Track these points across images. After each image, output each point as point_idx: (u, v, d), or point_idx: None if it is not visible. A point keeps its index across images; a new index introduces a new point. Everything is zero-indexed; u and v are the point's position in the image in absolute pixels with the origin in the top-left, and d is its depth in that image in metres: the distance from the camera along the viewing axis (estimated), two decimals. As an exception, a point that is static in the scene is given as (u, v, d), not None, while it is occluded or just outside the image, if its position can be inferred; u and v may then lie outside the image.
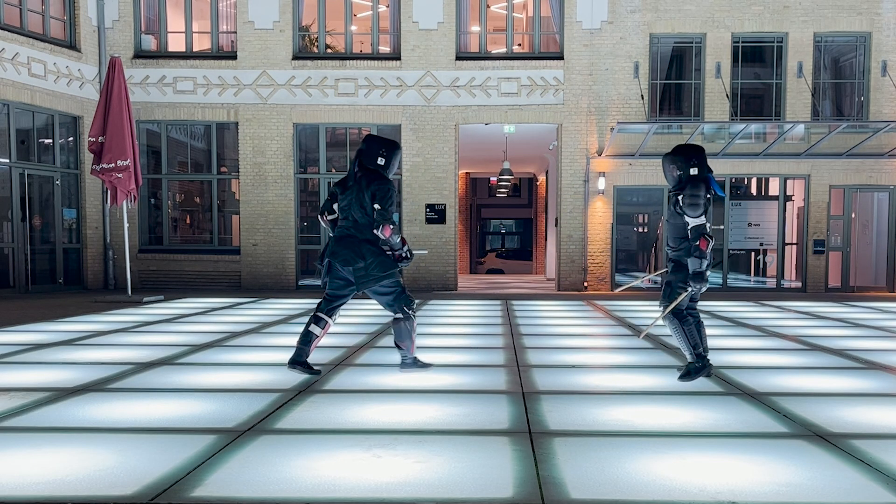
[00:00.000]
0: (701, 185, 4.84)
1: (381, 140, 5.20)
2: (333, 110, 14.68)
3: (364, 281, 5.04)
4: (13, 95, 12.78)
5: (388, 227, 5.00)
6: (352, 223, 5.09)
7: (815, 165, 14.56)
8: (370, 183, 5.02)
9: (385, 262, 5.08)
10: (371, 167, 5.10)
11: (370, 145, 5.15)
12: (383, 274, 5.05)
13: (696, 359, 5.05)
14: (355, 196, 5.05)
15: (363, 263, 5.01)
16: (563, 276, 14.88)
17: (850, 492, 2.97)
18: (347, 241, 5.07)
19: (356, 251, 5.03)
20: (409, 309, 5.20)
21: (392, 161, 5.14)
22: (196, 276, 14.82)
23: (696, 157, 4.94)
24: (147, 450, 3.46)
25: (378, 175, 5.08)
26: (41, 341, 7.12)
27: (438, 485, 3.00)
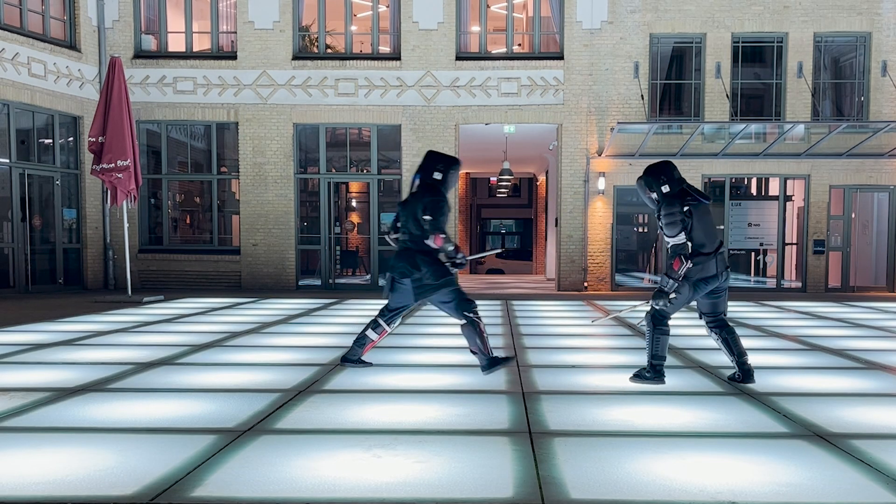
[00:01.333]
0: (675, 202, 4.79)
1: (439, 156, 5.33)
2: (333, 110, 14.68)
3: (421, 291, 5.17)
4: (13, 95, 12.78)
5: (440, 237, 5.11)
6: (408, 236, 5.23)
7: (815, 165, 14.56)
8: (423, 196, 5.15)
9: (439, 270, 5.17)
10: (429, 182, 5.23)
11: (428, 161, 5.29)
12: (437, 283, 5.15)
13: (651, 368, 5.02)
14: (411, 211, 5.18)
15: (419, 274, 5.14)
16: (563, 276, 14.88)
17: (850, 492, 2.97)
18: (404, 254, 5.23)
19: (411, 262, 5.16)
20: (470, 312, 5.21)
21: (449, 177, 5.25)
22: (196, 276, 14.81)
23: (665, 174, 4.88)
24: (147, 450, 3.46)
25: (433, 189, 5.20)
26: (41, 341, 7.12)
27: (438, 485, 3.01)
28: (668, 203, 4.81)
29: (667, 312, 4.95)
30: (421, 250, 5.18)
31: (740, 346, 5.09)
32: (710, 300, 5.03)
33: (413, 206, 5.17)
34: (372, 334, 5.43)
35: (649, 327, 5.00)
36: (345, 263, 16.71)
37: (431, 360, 6.11)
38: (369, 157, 14.99)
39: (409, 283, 5.19)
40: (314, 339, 7.37)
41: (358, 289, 15.14)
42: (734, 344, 5.07)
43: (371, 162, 14.92)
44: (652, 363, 5.00)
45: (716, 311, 5.07)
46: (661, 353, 4.99)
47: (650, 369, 5.02)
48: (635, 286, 15.10)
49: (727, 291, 5.08)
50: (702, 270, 4.84)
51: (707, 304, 5.06)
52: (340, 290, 14.87)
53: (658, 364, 5.00)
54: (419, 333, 7.91)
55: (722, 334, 5.08)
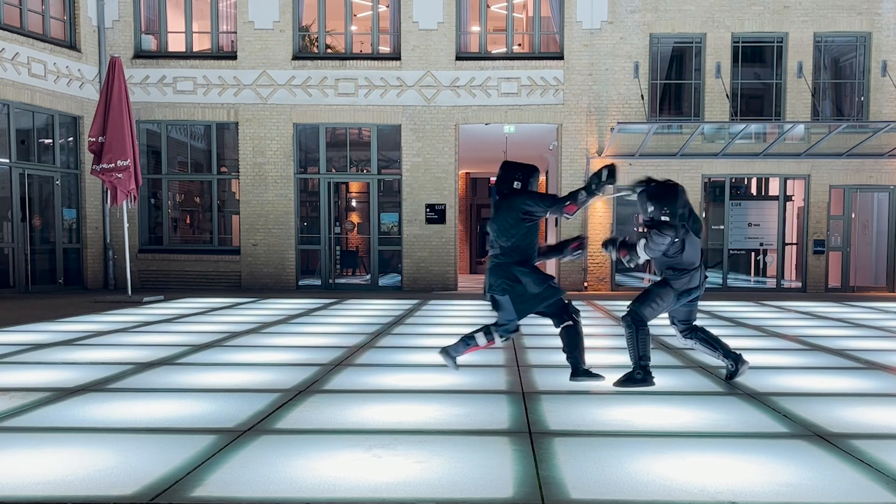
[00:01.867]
0: (667, 236, 4.76)
1: (516, 165, 5.08)
2: (333, 110, 14.67)
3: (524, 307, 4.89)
4: (13, 95, 12.78)
5: (569, 206, 4.82)
6: (499, 250, 4.95)
7: (815, 165, 14.56)
8: (511, 205, 4.87)
9: (538, 278, 4.89)
10: (507, 192, 4.97)
11: (505, 171, 5.03)
12: (540, 297, 4.86)
13: (641, 370, 5.00)
14: (499, 223, 4.92)
15: (521, 288, 4.85)
16: (563, 276, 14.87)
17: (850, 492, 2.97)
18: (498, 271, 4.93)
19: (509, 277, 4.87)
20: (575, 316, 4.98)
21: (529, 184, 4.97)
22: (196, 276, 14.81)
23: (669, 207, 4.85)
24: (147, 450, 3.46)
25: (516, 193, 4.92)
26: (41, 341, 7.12)
27: (438, 485, 3.01)
28: (661, 231, 4.77)
29: (647, 318, 4.97)
30: (516, 262, 4.90)
31: (718, 339, 5.17)
32: (687, 308, 5.13)
33: (503, 219, 4.90)
34: (481, 339, 5.08)
35: (630, 330, 4.98)
36: (345, 263, 16.71)
37: (431, 360, 6.10)
38: (369, 157, 14.99)
39: (508, 301, 4.89)
40: (314, 339, 7.37)
41: (358, 289, 15.14)
42: (713, 339, 5.14)
43: (371, 162, 14.92)
44: (641, 364, 5.00)
45: (690, 318, 5.16)
46: (647, 353, 5.00)
47: (640, 371, 5.01)
48: (635, 286, 15.09)
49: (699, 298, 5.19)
50: (689, 282, 4.94)
51: (684, 311, 5.14)
52: (340, 290, 14.87)
53: (646, 364, 5.01)
54: (419, 333, 7.91)
55: (698, 335, 5.15)
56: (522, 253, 4.90)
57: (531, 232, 4.92)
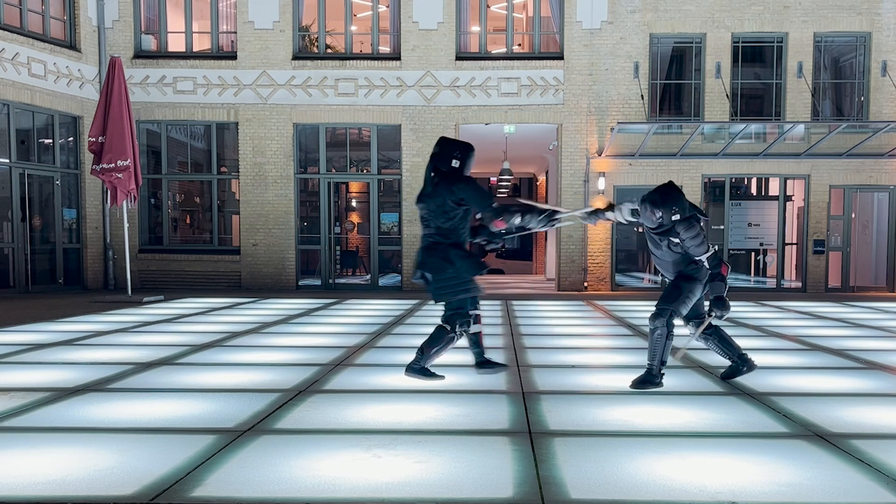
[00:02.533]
0: (693, 224, 4.80)
1: (454, 142, 5.05)
2: (333, 110, 14.68)
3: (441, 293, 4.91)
4: (13, 95, 12.79)
5: (499, 222, 4.86)
6: (435, 230, 4.94)
7: (815, 165, 14.56)
8: (451, 187, 4.83)
9: (474, 263, 4.91)
10: (446, 170, 4.94)
11: (444, 148, 4.99)
12: (459, 289, 4.88)
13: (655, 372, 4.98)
14: (437, 203, 4.88)
15: (452, 270, 4.86)
16: (563, 276, 14.88)
17: (850, 492, 2.97)
18: (433, 249, 4.93)
19: (443, 257, 4.87)
20: (459, 328, 4.97)
21: (467, 162, 4.97)
22: (196, 276, 14.81)
23: (676, 205, 4.85)
24: (147, 450, 3.46)
25: (457, 176, 4.91)
26: (41, 341, 7.12)
27: (438, 485, 3.00)
28: (688, 225, 4.80)
29: (682, 315, 4.99)
30: (453, 244, 4.90)
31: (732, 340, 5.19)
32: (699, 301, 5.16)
33: (439, 198, 4.85)
34: (474, 328, 5.09)
35: (662, 332, 4.93)
36: (345, 263, 16.72)
37: (431, 360, 6.10)
38: (369, 157, 14.99)
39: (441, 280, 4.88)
40: (314, 339, 7.37)
41: (358, 289, 15.14)
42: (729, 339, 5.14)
43: (371, 162, 14.92)
44: (656, 367, 4.98)
45: (700, 310, 5.16)
46: (666, 358, 5.01)
47: (658, 375, 5.00)
48: (635, 286, 15.10)
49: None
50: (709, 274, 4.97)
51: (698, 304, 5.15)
52: (340, 290, 14.87)
53: (661, 369, 5.01)
54: (419, 333, 7.91)
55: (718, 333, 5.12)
56: (458, 236, 4.95)
57: (466, 216, 4.96)
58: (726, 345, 5.13)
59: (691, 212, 4.90)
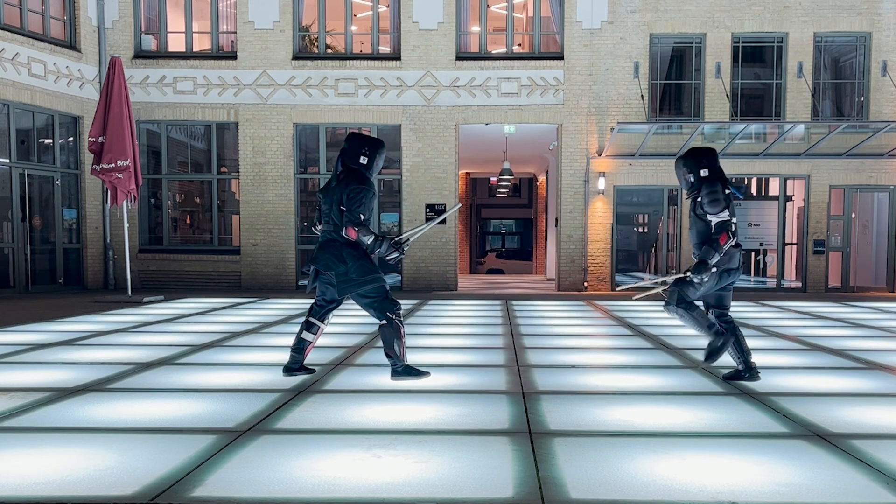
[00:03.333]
0: (717, 183, 4.81)
1: (364, 138, 5.02)
2: (333, 110, 14.68)
3: (345, 286, 4.84)
4: (13, 95, 12.79)
5: (352, 230, 4.77)
6: (332, 227, 4.89)
7: (815, 165, 14.56)
8: (348, 184, 4.80)
9: (366, 265, 4.88)
10: (353, 167, 4.89)
11: (352, 143, 4.94)
12: (364, 279, 4.86)
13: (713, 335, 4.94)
14: (335, 199, 4.84)
15: (344, 268, 4.82)
16: (563, 276, 14.88)
17: (850, 492, 2.97)
18: (328, 246, 4.88)
19: (336, 255, 4.83)
20: (392, 314, 4.95)
21: (375, 160, 4.92)
22: (196, 276, 14.82)
23: (707, 159, 4.89)
24: (147, 450, 3.46)
25: (357, 176, 4.85)
26: (41, 341, 7.12)
27: (438, 485, 3.00)
28: (710, 182, 4.82)
29: (688, 296, 4.93)
30: (347, 242, 4.85)
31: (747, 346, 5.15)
32: (720, 292, 5.07)
33: (337, 194, 4.82)
34: (308, 336, 5.10)
35: (681, 311, 4.91)
36: (345, 263, 16.69)
37: (431, 360, 6.11)
38: (369, 157, 14.95)
39: (332, 277, 4.86)
40: (314, 339, 7.36)
41: (358, 289, 15.11)
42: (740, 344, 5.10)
43: (371, 162, 14.88)
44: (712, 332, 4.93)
45: (723, 303, 5.10)
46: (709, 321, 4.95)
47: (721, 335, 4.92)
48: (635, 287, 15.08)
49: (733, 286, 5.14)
50: (729, 261, 4.91)
51: (716, 296, 5.09)
52: (340, 290, 14.84)
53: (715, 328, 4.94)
54: (419, 333, 7.91)
55: (736, 333, 5.10)
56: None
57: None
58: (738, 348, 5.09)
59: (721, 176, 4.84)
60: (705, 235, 4.91)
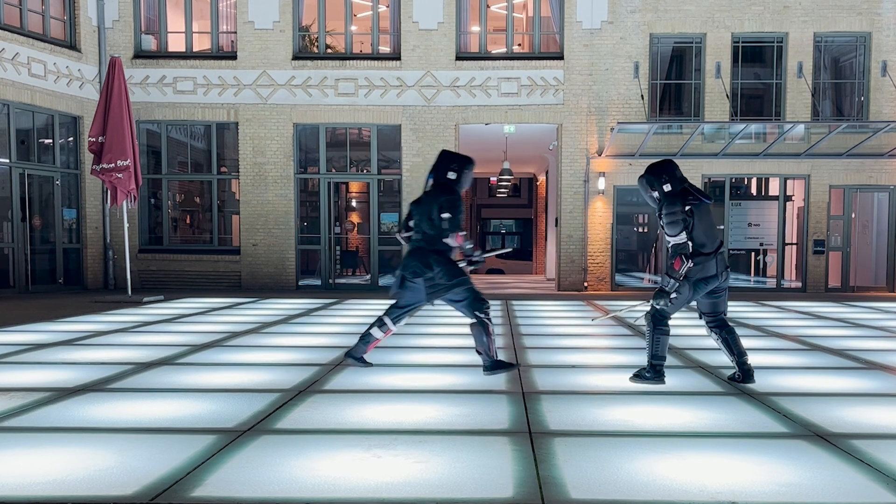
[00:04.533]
0: (676, 202, 4.76)
1: (453, 155, 5.35)
2: (333, 110, 14.68)
3: (434, 290, 5.17)
4: (13, 95, 12.78)
5: (460, 235, 5.16)
6: (422, 236, 5.26)
7: (815, 165, 14.56)
8: (439, 196, 5.15)
9: (452, 269, 5.20)
10: (442, 181, 5.23)
11: (442, 161, 5.29)
12: (451, 283, 5.16)
13: (651, 368, 4.99)
14: (425, 210, 5.20)
15: (431, 273, 5.15)
16: (563, 276, 14.88)
17: (850, 492, 2.97)
18: (417, 253, 5.25)
19: (424, 262, 5.18)
20: (481, 313, 5.21)
21: (463, 176, 5.25)
22: (196, 276, 14.81)
23: (666, 173, 4.84)
24: (147, 450, 3.46)
25: (447, 188, 5.21)
26: (41, 341, 7.12)
27: (438, 485, 3.00)
28: (669, 202, 4.79)
29: (667, 313, 4.94)
30: (435, 250, 5.19)
31: (740, 346, 5.09)
32: (710, 300, 5.03)
33: (427, 206, 5.18)
34: (377, 332, 5.40)
35: (649, 327, 4.99)
36: (345, 263, 16.72)
37: (431, 360, 6.11)
38: (369, 157, 14.99)
39: (421, 283, 5.18)
40: (314, 339, 7.37)
41: (358, 289, 15.14)
42: (734, 344, 5.07)
43: (371, 162, 14.92)
44: (652, 363, 5.00)
45: (716, 310, 5.07)
46: (661, 353, 4.99)
47: (650, 369, 5.01)
48: (635, 286, 15.10)
49: (727, 291, 5.07)
50: (702, 270, 4.83)
51: (707, 303, 5.06)
52: (340, 290, 14.87)
53: (658, 364, 5.00)
54: (419, 333, 7.92)
55: (722, 334, 5.08)
56: (442, 243, 5.20)
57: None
58: (727, 346, 5.08)
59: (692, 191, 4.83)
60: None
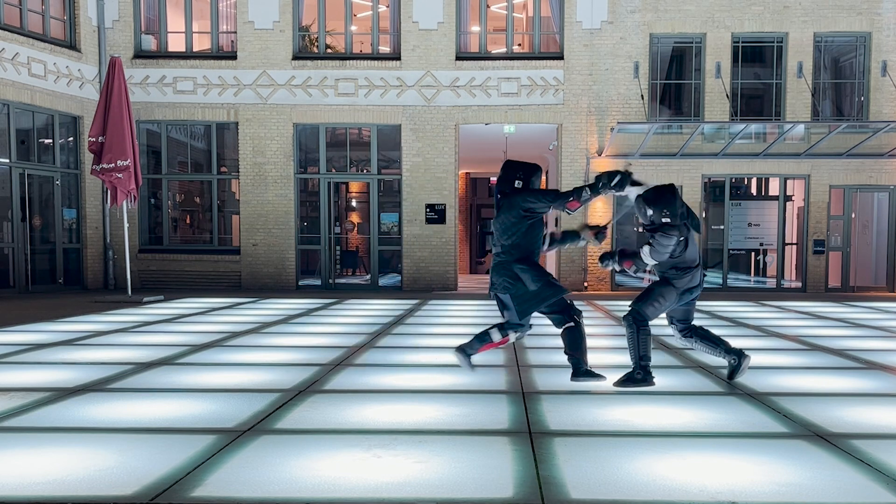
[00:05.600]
0: (672, 236, 4.79)
1: (517, 164, 5.04)
2: (333, 110, 14.67)
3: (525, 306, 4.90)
4: (13, 95, 12.78)
5: (572, 202, 4.83)
6: (501, 249, 4.97)
7: (815, 165, 14.56)
8: (512, 203, 4.86)
9: (538, 275, 4.89)
10: (509, 191, 4.95)
11: (506, 171, 5.01)
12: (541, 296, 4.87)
13: (641, 370, 4.99)
14: (501, 222, 4.93)
15: (522, 288, 4.87)
16: (563, 276, 14.87)
17: (850, 492, 2.97)
18: (499, 268, 4.96)
19: (510, 275, 4.90)
20: (577, 318, 4.98)
21: (531, 181, 4.96)
22: (196, 276, 14.81)
23: (669, 209, 4.84)
24: (147, 450, 3.46)
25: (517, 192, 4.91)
26: (41, 341, 7.12)
27: (438, 485, 3.01)
28: (665, 233, 4.80)
29: (648, 316, 4.97)
30: (516, 259, 4.91)
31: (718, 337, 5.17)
32: (685, 307, 5.13)
33: (504, 217, 4.89)
34: (496, 335, 5.07)
35: (632, 329, 4.98)
36: (345, 263, 16.72)
37: (431, 360, 6.11)
38: (369, 157, 14.99)
39: (510, 300, 4.92)
40: (314, 339, 7.37)
41: (358, 289, 15.14)
42: (713, 336, 5.14)
43: (371, 162, 14.92)
44: (641, 364, 5.00)
45: (688, 317, 5.17)
46: (648, 353, 5.01)
47: (640, 371, 5.01)
48: (636, 286, 15.09)
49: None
50: (690, 281, 4.96)
51: (682, 310, 5.15)
52: (340, 290, 14.87)
53: (646, 364, 5.01)
54: (419, 334, 7.92)
55: (698, 333, 5.14)
56: (523, 250, 4.90)
57: (533, 229, 4.90)
58: (710, 343, 5.12)
59: (682, 220, 4.88)
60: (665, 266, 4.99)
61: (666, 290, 4.96)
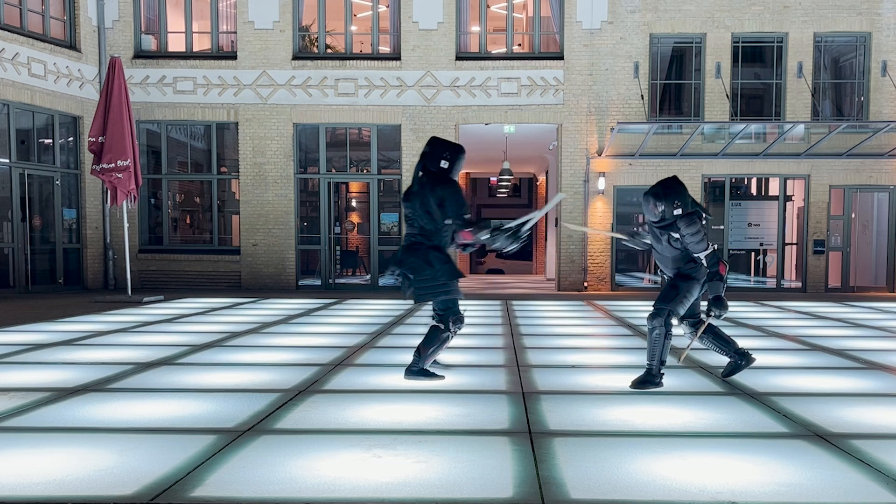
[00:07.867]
0: (694, 219, 4.79)
1: (444, 143, 5.06)
2: (333, 110, 14.68)
3: (423, 293, 4.94)
4: (13, 95, 12.78)
5: (466, 233, 4.84)
6: (418, 230, 4.99)
7: (815, 165, 14.56)
8: (434, 188, 4.88)
9: (452, 269, 4.95)
10: (434, 170, 4.97)
11: (434, 148, 5.01)
12: (440, 290, 4.92)
13: (655, 372, 4.97)
14: (420, 202, 4.93)
15: (430, 272, 4.90)
16: (563, 276, 14.88)
17: (850, 492, 2.97)
18: (413, 249, 4.97)
19: (423, 258, 4.91)
20: (452, 326, 4.98)
21: (456, 164, 4.99)
22: (196, 276, 14.82)
23: (679, 199, 4.84)
24: (147, 450, 3.46)
25: (442, 178, 4.94)
26: (41, 341, 7.12)
27: (438, 485, 3.00)
28: (688, 221, 4.79)
29: (679, 315, 4.97)
30: (434, 246, 4.93)
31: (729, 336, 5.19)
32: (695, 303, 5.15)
33: (424, 198, 4.90)
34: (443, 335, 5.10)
35: (660, 332, 4.90)
36: (345, 263, 16.72)
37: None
38: (369, 157, 14.99)
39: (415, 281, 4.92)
40: (314, 339, 7.37)
41: (358, 289, 15.14)
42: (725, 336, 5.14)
43: (371, 162, 14.92)
44: (655, 367, 4.98)
45: (696, 310, 5.16)
46: (666, 357, 5.01)
47: (658, 375, 4.99)
48: (635, 286, 15.10)
49: None
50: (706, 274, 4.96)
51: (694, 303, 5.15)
52: (340, 290, 14.87)
53: (659, 370, 5.00)
54: (419, 334, 7.91)
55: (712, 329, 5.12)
56: (440, 238, 4.97)
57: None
58: (721, 341, 5.13)
59: (693, 208, 4.89)
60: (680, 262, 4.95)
61: (692, 284, 4.92)
